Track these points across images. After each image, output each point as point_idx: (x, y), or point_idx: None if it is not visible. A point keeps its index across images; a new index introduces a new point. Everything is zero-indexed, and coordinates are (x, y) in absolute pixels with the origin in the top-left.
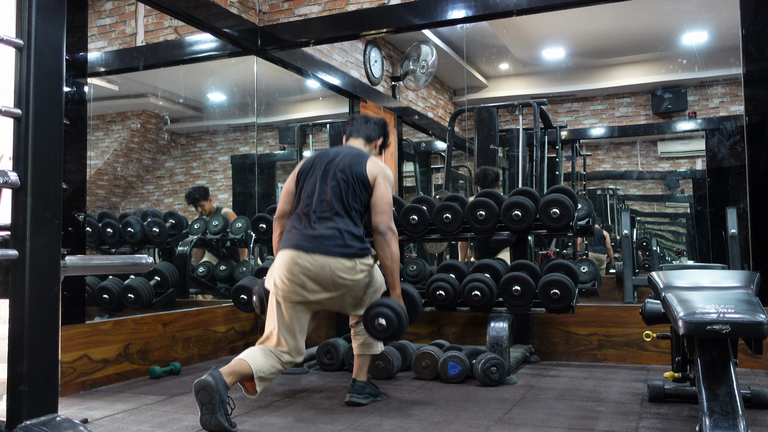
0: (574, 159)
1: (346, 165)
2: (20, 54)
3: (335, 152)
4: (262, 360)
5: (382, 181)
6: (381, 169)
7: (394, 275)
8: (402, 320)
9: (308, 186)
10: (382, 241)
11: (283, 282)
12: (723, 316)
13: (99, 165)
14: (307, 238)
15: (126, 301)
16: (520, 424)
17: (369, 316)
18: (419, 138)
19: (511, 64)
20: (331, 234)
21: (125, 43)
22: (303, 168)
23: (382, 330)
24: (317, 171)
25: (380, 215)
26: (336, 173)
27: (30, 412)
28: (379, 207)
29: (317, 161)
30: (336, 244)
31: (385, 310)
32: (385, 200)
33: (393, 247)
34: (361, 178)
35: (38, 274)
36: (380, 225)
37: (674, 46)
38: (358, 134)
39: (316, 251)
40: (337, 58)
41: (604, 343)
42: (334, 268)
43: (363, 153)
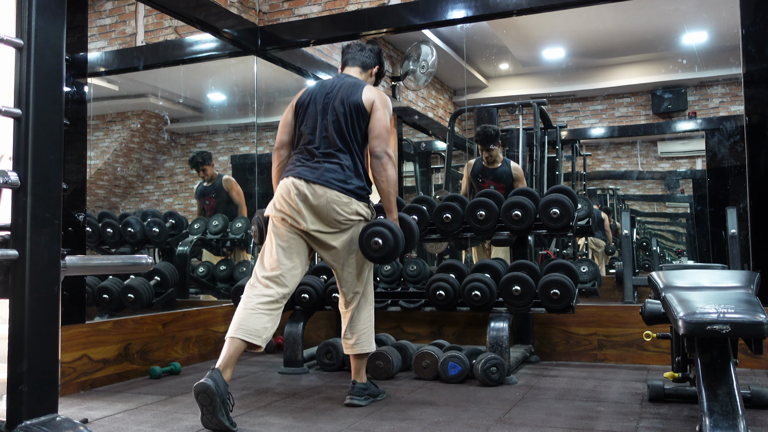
0: (574, 159)
1: (344, 96)
2: (20, 54)
3: (332, 83)
4: (252, 323)
5: (379, 106)
6: (378, 94)
7: (391, 199)
8: (398, 240)
9: (308, 120)
10: (378, 164)
11: (281, 205)
12: (723, 316)
13: (99, 165)
14: (310, 169)
15: (126, 301)
16: (520, 424)
17: (365, 236)
18: (419, 138)
19: (511, 64)
20: (333, 169)
21: (125, 43)
22: (301, 100)
23: (377, 248)
24: (316, 104)
25: (376, 139)
26: (335, 107)
27: (30, 412)
28: (375, 131)
29: (316, 93)
30: (336, 177)
31: (381, 229)
32: (382, 124)
33: (389, 171)
34: (358, 108)
35: (38, 274)
36: (376, 149)
37: (674, 46)
38: (354, 62)
39: (316, 181)
40: (337, 58)
41: (604, 343)
42: (330, 200)
43: (359, 82)
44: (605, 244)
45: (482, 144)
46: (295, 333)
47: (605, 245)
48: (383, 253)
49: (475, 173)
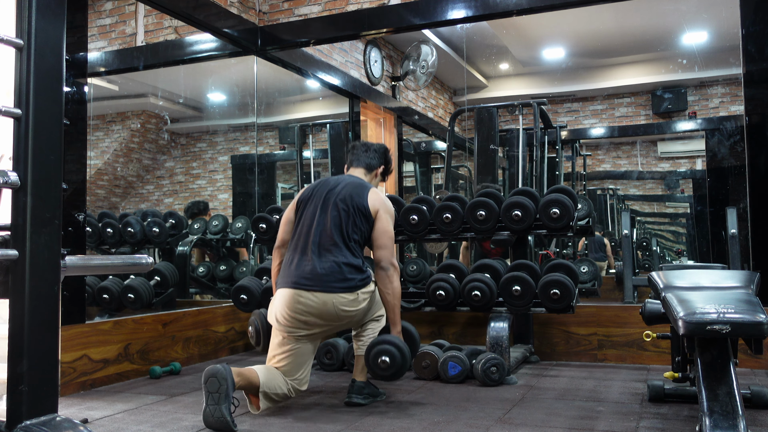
0: (574, 159)
1: (347, 195)
2: (20, 54)
3: (336, 181)
4: (270, 377)
5: (383, 214)
6: (382, 201)
7: (396, 311)
8: (405, 357)
9: (307, 215)
10: (384, 276)
11: (285, 319)
12: (723, 316)
13: (99, 165)
14: (307, 276)
15: (126, 301)
16: (520, 424)
17: (372, 354)
18: (419, 138)
19: (511, 64)
20: (330, 270)
21: (125, 43)
22: (303, 196)
23: (385, 368)
24: (317, 200)
25: (382, 250)
26: (337, 203)
27: (30, 412)
28: (380, 241)
29: (317, 189)
30: (336, 279)
31: (388, 347)
32: (387, 234)
33: (395, 283)
34: (362, 210)
35: (38, 274)
36: (382, 261)
37: (674, 46)
38: (358, 163)
39: (316, 289)
40: (337, 58)
41: (604, 343)
42: (336, 304)
43: (364, 184)
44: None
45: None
46: None
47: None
48: (391, 371)
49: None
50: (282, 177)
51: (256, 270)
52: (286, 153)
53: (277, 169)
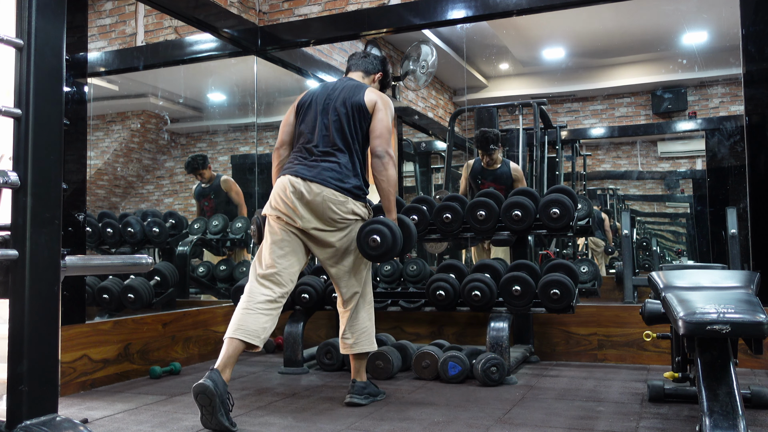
0: (574, 159)
1: (346, 96)
2: (20, 54)
3: (334, 85)
4: (250, 324)
5: (381, 107)
6: (380, 95)
7: (391, 199)
8: (396, 238)
9: (308, 120)
10: (378, 164)
11: (277, 203)
12: (723, 316)
13: (99, 165)
14: (307, 167)
15: (126, 301)
16: (520, 424)
17: (363, 233)
18: (419, 138)
19: (511, 64)
20: (330, 166)
21: (125, 43)
22: (302, 101)
23: (375, 246)
24: (317, 104)
25: (378, 138)
26: (336, 107)
27: (30, 412)
28: (377, 131)
29: (317, 94)
30: (333, 176)
31: (379, 227)
32: (384, 124)
33: (390, 171)
34: (359, 108)
35: (38, 274)
36: (377, 148)
37: (674, 46)
38: (356, 68)
39: (313, 179)
40: (337, 58)
41: (604, 343)
42: (326, 198)
43: (361, 84)
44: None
45: (482, 148)
46: (295, 333)
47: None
48: (381, 251)
49: (474, 174)
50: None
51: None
52: None
53: None
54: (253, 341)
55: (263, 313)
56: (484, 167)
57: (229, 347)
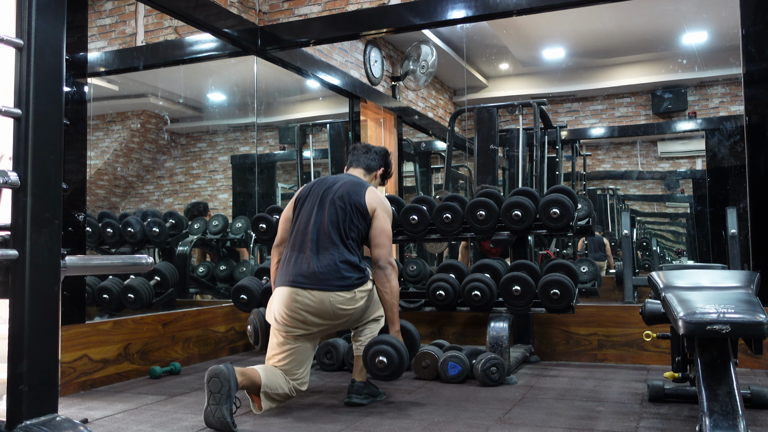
0: (574, 159)
1: (345, 193)
2: (20, 54)
3: (334, 179)
4: (271, 376)
5: (381, 212)
6: (380, 200)
7: (394, 311)
8: (403, 358)
9: (304, 213)
10: (382, 275)
11: (283, 318)
12: (723, 316)
13: (99, 165)
14: (304, 274)
15: (126, 301)
16: (520, 424)
17: (369, 354)
18: (419, 138)
19: (511, 64)
20: (327, 268)
21: (125, 43)
22: (301, 194)
23: (383, 368)
24: (314, 198)
25: (380, 248)
26: (334, 200)
27: (30, 412)
28: (378, 240)
29: (315, 188)
30: (333, 277)
31: (385, 348)
32: (385, 233)
33: (393, 282)
34: (359, 208)
35: (38, 274)
36: (380, 260)
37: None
38: (358, 164)
39: (313, 287)
40: (337, 58)
41: (604, 343)
42: (333, 302)
43: (362, 182)
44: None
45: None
46: None
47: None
48: (389, 372)
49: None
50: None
51: (256, 270)
52: (286, 153)
53: (277, 169)
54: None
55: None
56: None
57: (250, 371)
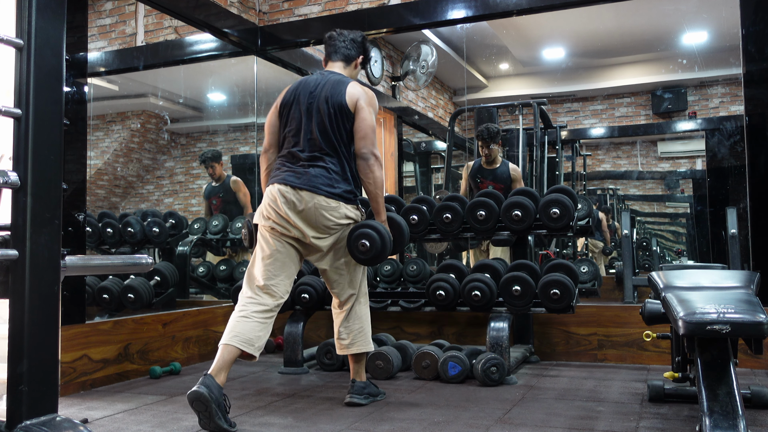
0: (574, 159)
1: (328, 95)
2: (20, 54)
3: (315, 81)
4: (247, 331)
5: (363, 105)
6: (361, 92)
7: (379, 200)
8: (385, 241)
9: (293, 122)
10: (364, 166)
11: (269, 212)
12: (723, 316)
13: (99, 165)
14: (296, 174)
15: (126, 301)
16: (520, 424)
17: (352, 237)
18: (419, 138)
19: (511, 64)
20: (318, 173)
21: (125, 43)
22: (285, 100)
23: (365, 251)
24: (300, 104)
25: (362, 140)
26: (319, 107)
27: (30, 412)
28: (360, 132)
29: (299, 92)
30: (323, 182)
31: (367, 231)
32: (367, 124)
33: (377, 173)
34: (343, 108)
35: (38, 274)
36: (362, 149)
37: (674, 46)
38: (336, 56)
39: (303, 187)
40: None
41: (604, 343)
42: (317, 205)
43: (342, 79)
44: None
45: (483, 141)
46: (295, 333)
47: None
48: (371, 255)
49: (473, 174)
50: None
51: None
52: None
53: None
54: (248, 349)
55: (259, 322)
56: (483, 166)
57: (225, 353)
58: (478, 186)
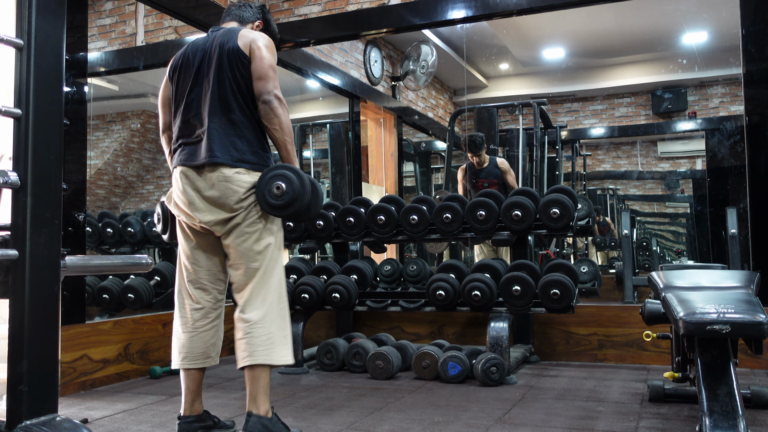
0: (574, 159)
1: (217, 49)
2: (20, 54)
3: (205, 39)
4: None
5: (258, 45)
6: (256, 34)
7: (289, 149)
8: (304, 183)
9: (182, 86)
10: (267, 110)
11: (177, 200)
12: (723, 316)
13: (99, 165)
14: (193, 148)
15: (126, 301)
16: (520, 424)
17: (263, 182)
18: (419, 138)
19: (511, 64)
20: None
21: (125, 43)
22: (174, 65)
23: (280, 194)
24: (190, 68)
25: (261, 81)
26: (210, 63)
27: (30, 412)
28: (258, 72)
29: (188, 56)
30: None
31: (284, 172)
32: (265, 63)
33: (282, 116)
34: (236, 54)
35: (38, 274)
36: (262, 92)
37: (674, 46)
38: (229, 18)
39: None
40: (337, 58)
41: (604, 343)
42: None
43: (234, 28)
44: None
45: (472, 152)
46: (295, 333)
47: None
48: (287, 199)
49: (468, 177)
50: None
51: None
52: None
53: None
54: (208, 363)
55: (205, 331)
56: (476, 168)
57: (188, 380)
58: (475, 186)
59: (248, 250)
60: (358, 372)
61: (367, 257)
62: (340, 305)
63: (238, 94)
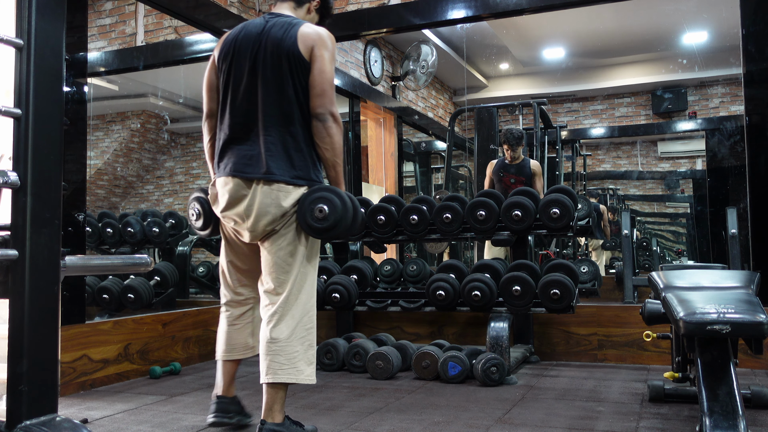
0: (574, 159)
1: (275, 46)
2: (20, 54)
3: (258, 27)
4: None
5: (320, 51)
6: (317, 35)
7: (338, 170)
8: (347, 207)
9: (234, 84)
10: (321, 128)
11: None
12: (723, 316)
13: (99, 165)
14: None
15: (126, 301)
16: (520, 424)
17: (306, 203)
18: (419, 138)
19: (511, 64)
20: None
21: (125, 43)
22: (224, 51)
23: (322, 217)
24: (243, 60)
25: (318, 97)
26: (266, 59)
27: (30, 412)
28: (317, 87)
29: (240, 44)
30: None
31: (327, 195)
32: (326, 77)
33: (335, 137)
34: (297, 60)
35: (38, 274)
36: (318, 109)
37: (674, 46)
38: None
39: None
40: (337, 57)
41: (604, 343)
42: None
43: (292, 21)
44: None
45: (509, 145)
46: None
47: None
48: (329, 223)
49: (497, 170)
50: None
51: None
52: None
53: None
54: (248, 354)
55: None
56: (507, 163)
57: (227, 366)
58: (501, 180)
59: (281, 260)
60: (358, 372)
61: (367, 257)
62: (340, 305)
63: (297, 107)
